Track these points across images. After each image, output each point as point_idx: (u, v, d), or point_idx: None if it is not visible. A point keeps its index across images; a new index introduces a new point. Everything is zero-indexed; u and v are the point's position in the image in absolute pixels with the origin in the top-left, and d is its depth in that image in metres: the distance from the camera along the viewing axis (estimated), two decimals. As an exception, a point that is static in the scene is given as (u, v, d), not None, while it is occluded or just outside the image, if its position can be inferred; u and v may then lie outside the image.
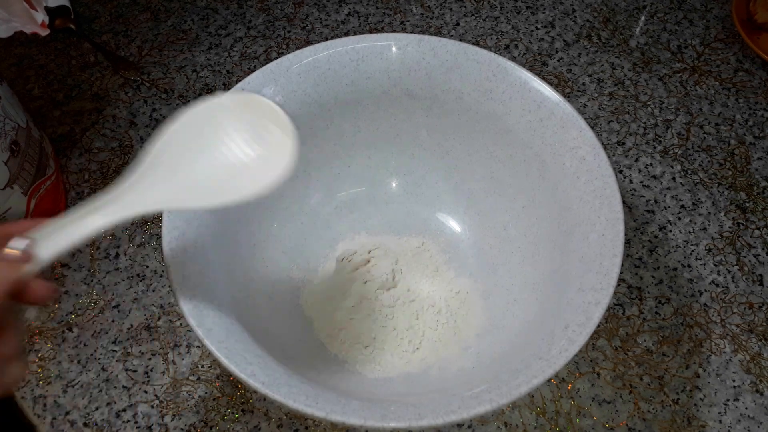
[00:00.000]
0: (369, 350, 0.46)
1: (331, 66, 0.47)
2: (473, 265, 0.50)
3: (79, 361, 0.49)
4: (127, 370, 0.48)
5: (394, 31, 0.69)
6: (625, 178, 0.59)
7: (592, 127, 0.47)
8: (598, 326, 0.42)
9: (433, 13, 0.71)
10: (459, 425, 0.46)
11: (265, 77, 0.45)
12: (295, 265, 0.50)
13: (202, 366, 0.49)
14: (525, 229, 0.47)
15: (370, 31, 0.69)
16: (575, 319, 0.36)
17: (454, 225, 0.52)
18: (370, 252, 0.50)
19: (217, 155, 0.34)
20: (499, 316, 0.46)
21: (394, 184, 0.54)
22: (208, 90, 0.64)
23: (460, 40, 0.46)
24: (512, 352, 0.40)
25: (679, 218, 0.56)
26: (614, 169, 0.53)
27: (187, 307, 0.35)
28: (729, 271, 0.53)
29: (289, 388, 0.33)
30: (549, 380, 0.42)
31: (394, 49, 0.47)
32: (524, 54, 0.67)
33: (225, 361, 0.34)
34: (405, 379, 0.44)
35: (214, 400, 0.47)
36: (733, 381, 0.48)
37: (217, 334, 0.35)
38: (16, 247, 0.26)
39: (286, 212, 0.50)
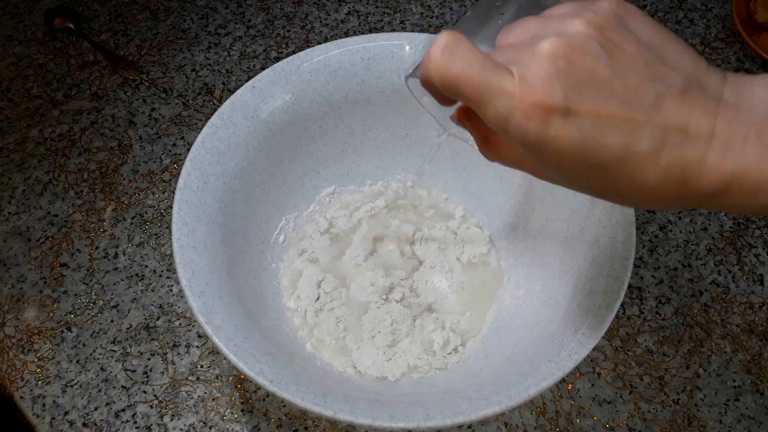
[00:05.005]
0: (377, 350, 0.45)
1: (342, 65, 0.46)
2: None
3: (78, 361, 0.49)
4: (126, 370, 0.48)
5: (393, 30, 0.69)
6: (625, 177, 0.58)
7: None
8: (599, 326, 0.41)
9: (433, 12, 0.71)
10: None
11: (275, 75, 0.45)
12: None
13: (202, 366, 0.48)
14: (535, 231, 0.47)
15: (370, 31, 0.69)
16: (585, 321, 0.36)
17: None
18: (379, 251, 0.50)
19: None
20: (508, 318, 0.46)
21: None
22: (207, 89, 0.64)
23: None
24: (521, 354, 0.40)
25: (680, 218, 0.56)
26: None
27: (196, 304, 0.35)
28: (729, 271, 0.53)
29: (298, 386, 0.33)
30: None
31: (407, 48, 0.46)
32: (524, 53, 0.67)
33: (233, 358, 0.33)
34: (412, 379, 0.44)
35: (213, 400, 0.47)
36: (734, 381, 0.48)
37: (225, 331, 0.35)
38: None
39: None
